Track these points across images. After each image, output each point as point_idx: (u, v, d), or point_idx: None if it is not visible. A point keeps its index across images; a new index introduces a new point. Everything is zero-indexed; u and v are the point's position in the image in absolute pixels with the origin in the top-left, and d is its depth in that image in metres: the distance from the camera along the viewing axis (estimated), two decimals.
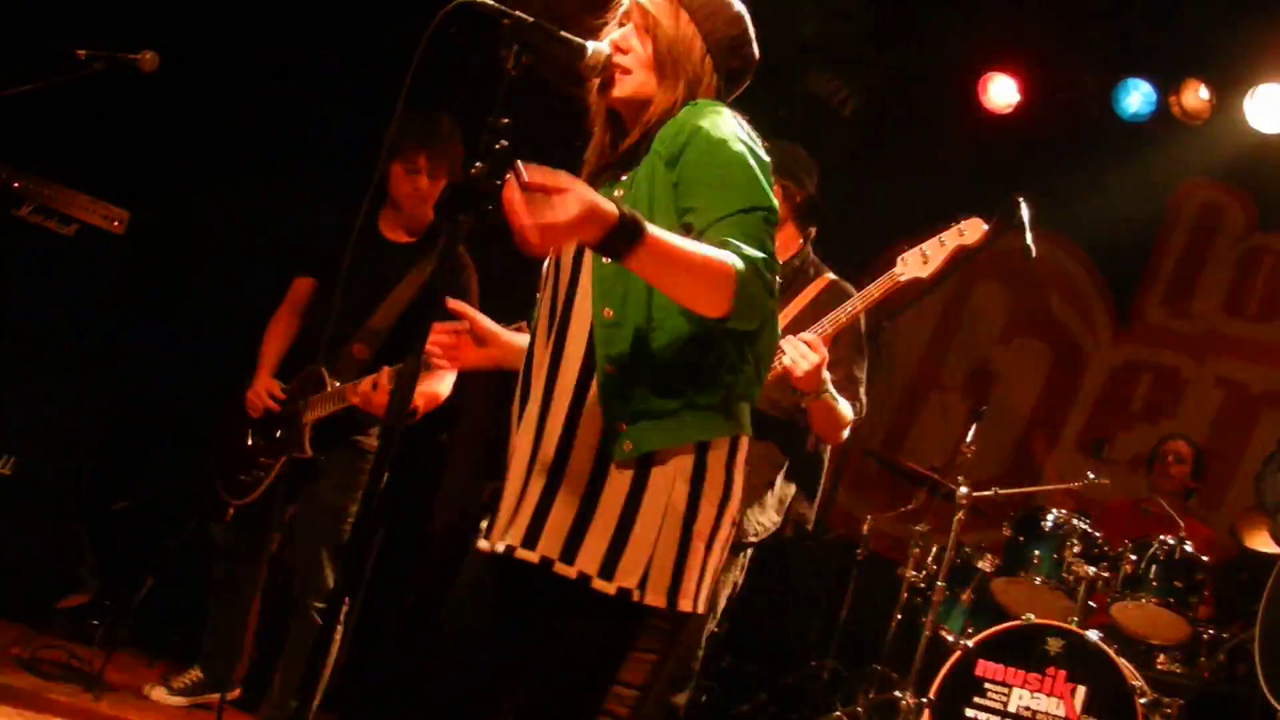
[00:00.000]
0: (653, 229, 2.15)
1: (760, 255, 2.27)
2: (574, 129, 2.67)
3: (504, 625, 2.46)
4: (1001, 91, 7.34)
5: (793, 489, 4.16)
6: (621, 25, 2.56)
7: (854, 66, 7.49)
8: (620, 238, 2.11)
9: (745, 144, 2.42)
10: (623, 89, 2.52)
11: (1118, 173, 7.20)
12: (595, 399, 2.36)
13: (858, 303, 3.84)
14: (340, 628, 4.35)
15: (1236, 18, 6.46)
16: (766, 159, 2.46)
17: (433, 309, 2.43)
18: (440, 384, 4.33)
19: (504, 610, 2.46)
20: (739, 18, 2.57)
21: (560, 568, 2.32)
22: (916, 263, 3.81)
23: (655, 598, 2.33)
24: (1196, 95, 6.86)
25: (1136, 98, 7.03)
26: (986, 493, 5.75)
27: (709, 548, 2.39)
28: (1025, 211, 5.21)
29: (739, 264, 2.22)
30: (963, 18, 7.07)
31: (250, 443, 4.58)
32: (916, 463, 6.37)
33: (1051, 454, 7.20)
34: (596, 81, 2.55)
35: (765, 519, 4.02)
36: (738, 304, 2.22)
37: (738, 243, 2.26)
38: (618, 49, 2.52)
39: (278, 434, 4.45)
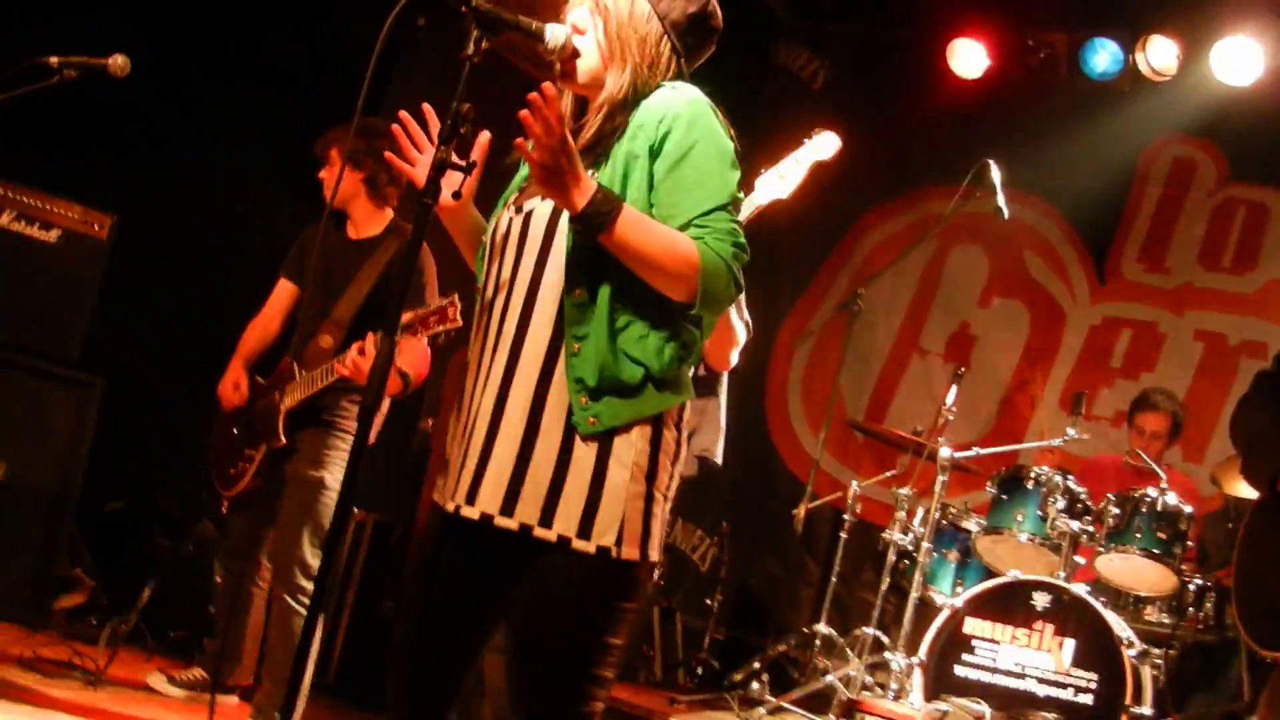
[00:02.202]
0: (628, 211, 2.34)
1: (728, 251, 2.40)
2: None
3: (474, 586, 2.50)
4: (969, 56, 7.41)
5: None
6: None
7: (822, 38, 7.53)
8: (596, 210, 2.31)
9: (719, 138, 2.48)
10: (580, 73, 2.51)
11: (1088, 131, 7.26)
12: (562, 374, 2.41)
13: None
14: (320, 613, 4.38)
15: None
16: (733, 145, 2.51)
17: (394, 291, 2.47)
18: (418, 354, 4.38)
19: (475, 571, 2.49)
20: None
21: (540, 532, 2.39)
22: (774, 183, 3.66)
23: (630, 551, 2.41)
24: (1163, 51, 6.92)
25: (1104, 56, 7.10)
26: (968, 453, 5.81)
27: (666, 499, 2.50)
28: (995, 173, 5.27)
29: (704, 260, 2.36)
30: None
31: (235, 436, 4.68)
32: (900, 428, 6.41)
33: (1035, 413, 7.25)
34: (558, 66, 2.52)
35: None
36: (703, 295, 2.38)
37: (707, 240, 2.39)
38: (575, 29, 2.50)
39: (256, 426, 4.56)
